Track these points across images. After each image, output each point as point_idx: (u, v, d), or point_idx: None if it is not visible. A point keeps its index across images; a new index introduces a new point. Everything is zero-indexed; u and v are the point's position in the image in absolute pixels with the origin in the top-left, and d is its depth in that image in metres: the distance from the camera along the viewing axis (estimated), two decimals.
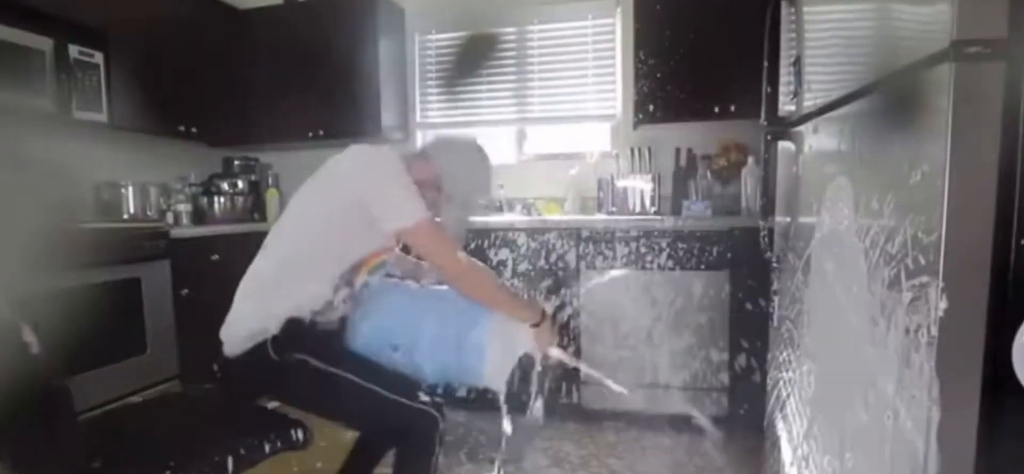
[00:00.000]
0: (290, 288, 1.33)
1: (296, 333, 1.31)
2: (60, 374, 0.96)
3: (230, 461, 1.14)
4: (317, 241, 1.35)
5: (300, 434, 1.26)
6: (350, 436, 1.61)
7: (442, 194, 1.46)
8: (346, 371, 1.31)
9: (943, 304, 0.71)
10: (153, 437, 1.25)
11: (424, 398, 1.34)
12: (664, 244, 2.49)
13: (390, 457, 1.42)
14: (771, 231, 1.72)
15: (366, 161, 1.37)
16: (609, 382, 1.76)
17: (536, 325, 1.44)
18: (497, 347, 1.41)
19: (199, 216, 3.10)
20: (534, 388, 1.68)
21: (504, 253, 2.67)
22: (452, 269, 1.40)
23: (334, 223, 1.35)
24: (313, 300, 1.35)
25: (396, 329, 1.43)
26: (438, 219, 1.43)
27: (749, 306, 2.38)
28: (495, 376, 1.43)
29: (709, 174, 2.88)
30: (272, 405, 1.44)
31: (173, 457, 1.09)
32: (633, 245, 2.52)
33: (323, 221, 1.36)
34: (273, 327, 1.30)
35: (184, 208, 2.99)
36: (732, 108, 2.64)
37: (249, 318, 1.33)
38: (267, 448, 1.21)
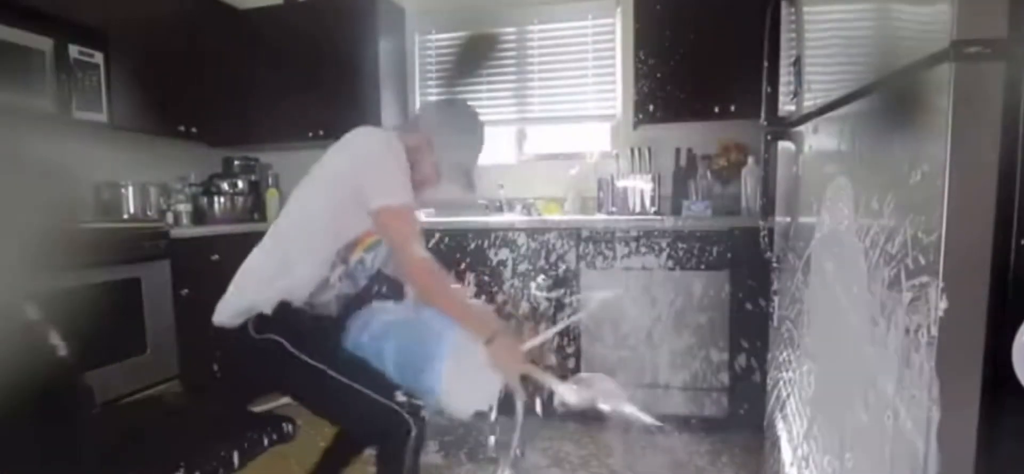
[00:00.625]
0: (287, 267, 1.35)
1: (281, 317, 1.33)
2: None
3: (235, 456, 1.18)
4: (316, 220, 1.37)
5: (289, 428, 1.32)
6: None
7: (436, 155, 1.46)
8: (327, 363, 1.31)
9: (943, 304, 0.71)
10: (159, 436, 1.27)
11: (400, 399, 1.32)
12: (664, 244, 2.49)
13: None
14: (771, 231, 1.72)
15: (366, 140, 1.40)
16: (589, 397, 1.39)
17: (489, 342, 1.31)
18: (454, 366, 1.30)
19: (199, 216, 3.09)
20: (516, 435, 1.48)
21: (504, 253, 2.67)
22: (409, 259, 1.36)
23: (332, 200, 1.37)
24: (310, 279, 1.36)
25: (368, 340, 1.41)
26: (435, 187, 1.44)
27: (749, 306, 2.38)
28: (454, 399, 1.32)
29: (709, 174, 2.88)
30: (260, 409, 1.46)
31: (182, 454, 1.13)
32: (633, 245, 2.52)
33: (323, 199, 1.38)
34: (263, 307, 1.32)
35: (184, 208, 2.99)
36: (732, 108, 2.64)
37: (242, 294, 1.36)
38: (265, 441, 1.26)
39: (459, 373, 1.31)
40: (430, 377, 1.30)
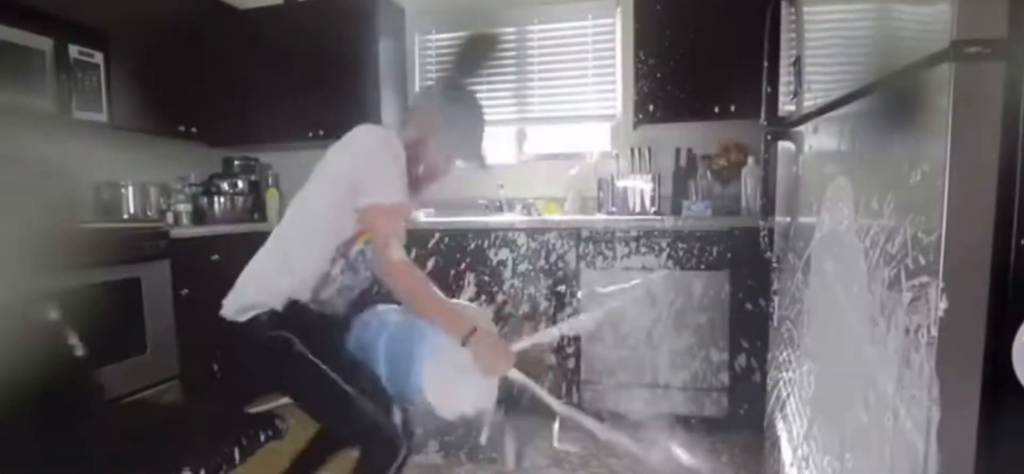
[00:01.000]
0: (289, 265, 1.36)
1: (290, 314, 1.33)
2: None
3: (236, 452, 1.20)
4: (317, 218, 1.38)
5: (283, 424, 1.33)
6: None
7: (439, 138, 1.46)
8: (331, 366, 1.31)
9: (943, 304, 0.71)
10: (159, 435, 1.28)
11: (396, 418, 1.32)
12: (664, 244, 2.49)
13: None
14: (771, 231, 1.72)
15: (366, 138, 1.40)
16: (582, 417, 1.48)
17: (464, 342, 1.30)
18: (435, 367, 1.29)
19: (199, 216, 3.09)
20: (507, 436, 1.52)
21: (504, 253, 2.67)
22: (388, 261, 1.35)
23: (334, 199, 1.37)
24: (311, 276, 1.37)
25: (367, 339, 1.42)
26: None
27: (749, 306, 2.38)
28: (438, 400, 1.30)
29: (709, 174, 2.88)
30: (255, 410, 1.46)
31: (183, 454, 1.14)
32: (633, 245, 2.52)
33: (325, 198, 1.39)
34: (271, 302, 1.33)
35: (184, 208, 2.99)
36: (732, 108, 2.64)
37: (249, 290, 1.37)
38: (262, 437, 1.28)
39: (441, 374, 1.30)
40: (415, 377, 1.31)
